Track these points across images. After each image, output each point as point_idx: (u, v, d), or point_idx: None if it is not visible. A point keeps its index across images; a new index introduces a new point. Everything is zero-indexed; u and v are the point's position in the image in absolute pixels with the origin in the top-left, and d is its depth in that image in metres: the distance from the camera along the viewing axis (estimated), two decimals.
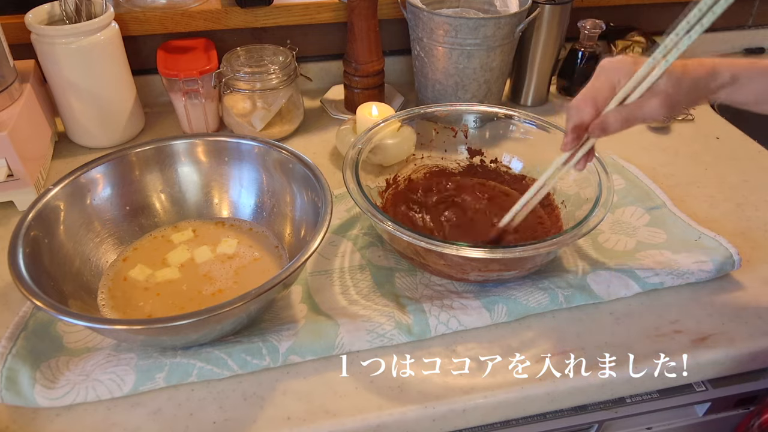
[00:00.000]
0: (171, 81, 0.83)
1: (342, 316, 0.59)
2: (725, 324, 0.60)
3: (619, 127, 0.52)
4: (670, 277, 0.63)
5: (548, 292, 0.61)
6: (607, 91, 0.53)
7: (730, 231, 0.71)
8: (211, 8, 0.89)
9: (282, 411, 0.52)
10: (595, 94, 0.53)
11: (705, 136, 0.91)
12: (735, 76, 0.52)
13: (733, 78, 0.52)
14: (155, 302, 0.60)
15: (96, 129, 0.84)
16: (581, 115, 0.54)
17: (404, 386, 0.54)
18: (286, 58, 0.85)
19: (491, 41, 0.83)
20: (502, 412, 0.55)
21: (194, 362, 0.53)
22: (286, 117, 0.88)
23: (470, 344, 0.58)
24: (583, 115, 0.54)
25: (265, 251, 0.66)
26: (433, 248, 0.55)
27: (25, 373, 0.51)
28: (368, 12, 0.85)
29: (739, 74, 0.53)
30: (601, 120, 0.53)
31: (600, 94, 0.53)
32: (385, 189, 0.73)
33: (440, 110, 0.75)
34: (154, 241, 0.67)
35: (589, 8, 1.04)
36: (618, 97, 0.52)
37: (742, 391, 0.66)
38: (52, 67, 0.78)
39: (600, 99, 0.53)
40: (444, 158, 0.78)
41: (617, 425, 0.68)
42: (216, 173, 0.70)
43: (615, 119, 0.52)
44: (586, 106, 0.53)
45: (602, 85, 0.53)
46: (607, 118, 0.52)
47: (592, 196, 0.62)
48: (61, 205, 0.60)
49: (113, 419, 0.51)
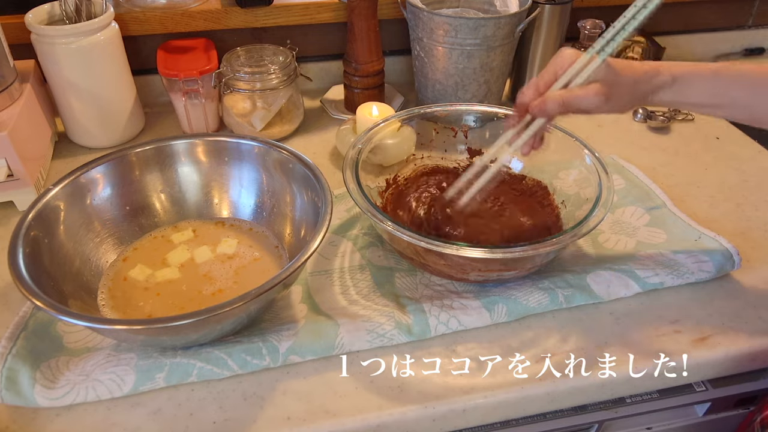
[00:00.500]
0: (171, 81, 0.83)
1: (342, 316, 0.59)
2: (725, 324, 0.60)
3: (556, 108, 0.55)
4: (670, 277, 0.63)
5: (548, 292, 0.61)
6: (549, 78, 0.57)
7: (730, 231, 0.71)
8: (211, 8, 0.89)
9: (282, 411, 0.52)
10: (539, 80, 0.57)
11: (705, 136, 0.91)
12: (675, 76, 0.55)
13: (673, 79, 0.55)
14: (155, 302, 0.60)
15: (96, 129, 0.84)
16: (523, 97, 0.58)
17: (404, 386, 0.54)
18: (286, 58, 0.85)
19: (491, 41, 0.83)
20: (502, 412, 0.55)
21: (194, 362, 0.53)
22: (286, 117, 0.88)
23: (470, 344, 0.58)
24: (525, 97, 0.58)
25: (265, 251, 0.66)
26: (433, 248, 0.55)
27: (25, 373, 0.51)
28: (368, 12, 0.85)
29: (679, 76, 0.55)
30: (541, 99, 0.56)
31: (542, 80, 0.57)
32: (385, 189, 0.73)
33: (440, 110, 0.75)
34: (154, 241, 0.67)
35: (589, 8, 1.04)
36: (559, 82, 0.56)
37: (742, 391, 0.66)
38: (52, 67, 0.78)
39: (542, 83, 0.57)
40: (444, 158, 0.78)
41: (617, 425, 0.68)
42: (216, 173, 0.70)
43: (553, 99, 0.55)
44: (529, 89, 0.58)
45: (546, 72, 0.57)
46: (546, 97, 0.56)
47: (592, 196, 0.62)
48: (61, 205, 0.61)
49: (113, 419, 0.51)
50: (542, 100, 0.56)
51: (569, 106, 0.55)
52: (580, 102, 0.55)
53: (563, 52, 0.56)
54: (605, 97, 0.54)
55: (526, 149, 0.61)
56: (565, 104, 0.55)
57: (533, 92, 0.57)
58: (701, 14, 1.14)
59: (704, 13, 1.14)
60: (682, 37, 1.15)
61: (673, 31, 1.14)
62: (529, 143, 0.60)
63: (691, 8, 1.13)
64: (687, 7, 1.12)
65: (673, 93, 0.55)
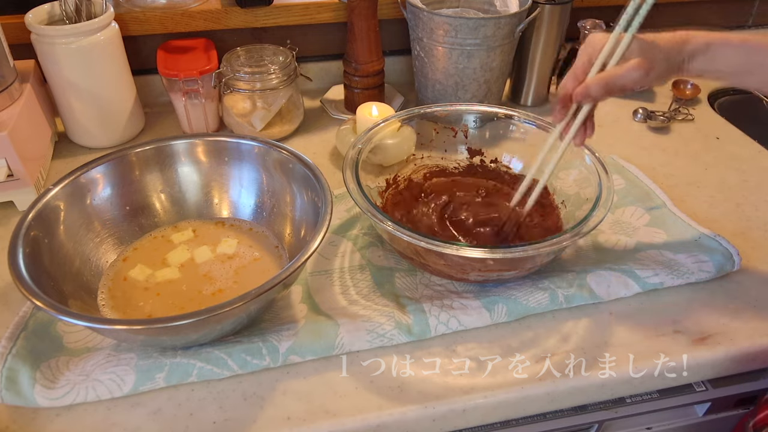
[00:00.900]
0: (171, 81, 0.83)
1: (342, 316, 0.59)
2: (725, 324, 0.60)
3: (600, 90, 0.55)
4: (670, 277, 0.63)
5: (548, 292, 0.61)
6: (584, 66, 0.57)
7: (730, 231, 0.71)
8: (211, 8, 0.89)
9: (282, 411, 0.52)
10: (575, 70, 0.58)
11: (705, 136, 0.91)
12: (708, 43, 0.55)
13: (707, 45, 0.55)
14: (155, 302, 0.60)
15: (96, 129, 0.84)
16: (564, 89, 0.59)
17: (404, 386, 0.54)
18: (286, 58, 0.85)
19: (491, 41, 0.83)
20: (502, 412, 0.55)
21: (194, 362, 0.53)
22: (286, 117, 0.88)
23: (470, 344, 0.58)
24: (566, 87, 0.58)
25: (265, 251, 0.66)
26: (433, 248, 0.55)
27: (25, 373, 0.51)
28: (368, 12, 0.85)
29: (711, 42, 0.55)
30: (583, 85, 0.56)
31: (579, 69, 0.58)
32: (385, 189, 0.73)
33: (440, 110, 0.75)
34: (154, 241, 0.67)
35: (589, 8, 1.04)
36: (595, 67, 0.56)
37: (742, 391, 0.66)
38: (52, 67, 0.78)
39: (579, 72, 0.58)
40: (444, 158, 0.78)
41: (617, 425, 0.68)
42: (216, 173, 0.70)
43: (594, 82, 0.56)
44: (568, 80, 0.58)
45: (580, 61, 0.58)
46: (587, 82, 0.56)
47: (592, 196, 0.62)
48: (61, 205, 0.60)
49: (113, 419, 0.51)
50: (584, 85, 0.56)
51: (612, 86, 0.55)
52: (622, 79, 0.55)
53: (593, 37, 0.57)
54: (645, 70, 0.54)
55: (579, 140, 0.61)
56: (608, 84, 0.55)
57: (573, 81, 0.58)
58: (701, 14, 1.14)
59: (704, 13, 1.14)
60: None
61: None
62: (581, 133, 0.60)
63: (691, 8, 1.13)
64: (687, 7, 1.12)
65: (707, 60, 0.55)
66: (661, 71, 0.55)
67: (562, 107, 0.60)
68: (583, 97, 0.57)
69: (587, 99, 0.57)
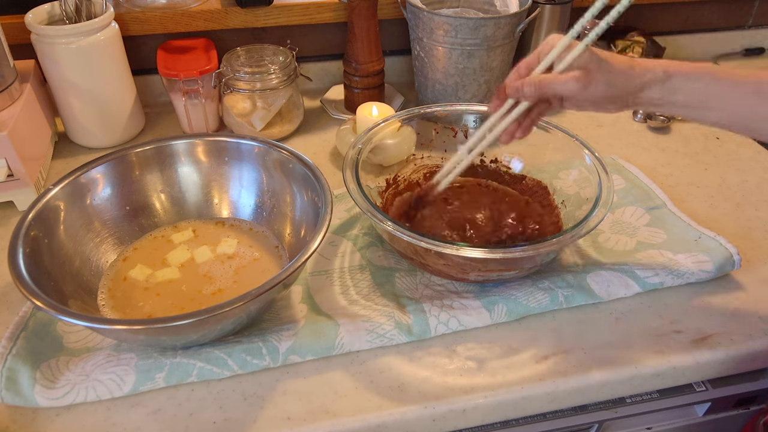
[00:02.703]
0: (171, 81, 0.83)
1: (342, 316, 0.59)
2: (725, 324, 0.60)
3: (532, 90, 0.54)
4: (670, 277, 0.63)
5: (548, 292, 0.61)
6: (532, 62, 0.56)
7: (730, 231, 0.71)
8: (211, 8, 0.89)
9: (282, 411, 0.52)
10: (520, 64, 0.57)
11: (705, 136, 0.91)
12: (667, 71, 0.52)
13: (666, 73, 0.52)
14: (155, 302, 0.60)
15: (96, 129, 0.84)
16: (506, 80, 0.57)
17: (404, 386, 0.54)
18: (286, 58, 0.85)
19: (491, 41, 0.83)
20: (502, 412, 0.55)
21: (194, 362, 0.53)
22: (286, 117, 0.88)
23: (470, 344, 0.58)
24: (507, 80, 0.57)
25: (265, 251, 0.66)
26: (432, 248, 0.55)
27: (25, 373, 0.51)
28: (368, 12, 0.85)
29: (672, 71, 0.52)
30: (519, 82, 0.55)
31: (524, 64, 0.57)
32: (385, 189, 0.73)
33: (440, 110, 0.75)
34: (154, 241, 0.67)
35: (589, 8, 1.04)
36: (540, 66, 0.55)
37: (742, 391, 0.66)
38: (52, 67, 0.78)
39: (523, 67, 0.57)
40: (444, 158, 0.78)
41: (617, 425, 0.68)
42: (216, 173, 0.70)
43: (529, 81, 0.55)
44: (512, 73, 0.57)
45: (530, 57, 0.57)
46: (523, 80, 0.55)
47: (592, 196, 0.62)
48: (61, 205, 0.60)
49: (113, 419, 0.51)
50: (520, 82, 0.55)
51: (545, 90, 0.54)
52: (556, 86, 0.54)
53: (552, 37, 0.55)
54: (583, 84, 0.53)
55: (506, 137, 0.59)
56: (542, 87, 0.54)
57: (515, 74, 0.57)
58: (701, 14, 1.14)
59: (704, 13, 1.14)
60: (682, 37, 1.15)
61: (673, 31, 1.14)
62: (509, 131, 0.59)
63: (691, 8, 1.13)
64: (687, 7, 1.12)
65: (665, 90, 0.52)
66: (598, 93, 0.53)
67: (497, 98, 0.59)
68: (515, 93, 0.56)
69: (518, 95, 0.56)
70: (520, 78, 0.56)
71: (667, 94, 0.53)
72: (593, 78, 0.53)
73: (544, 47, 0.55)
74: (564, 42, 0.53)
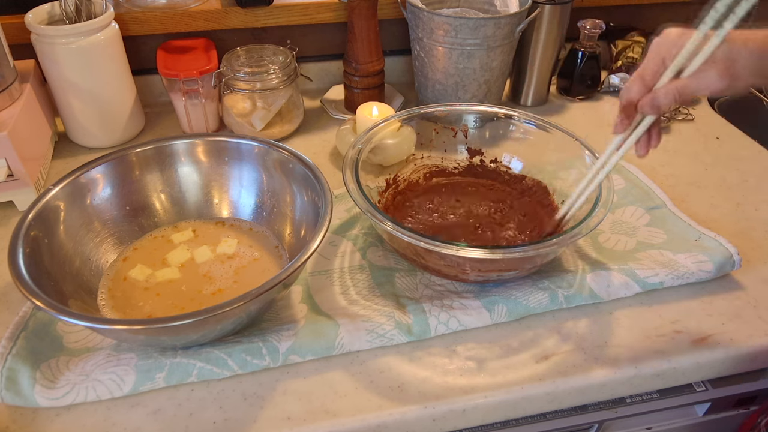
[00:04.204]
0: (171, 81, 0.83)
1: (342, 316, 0.59)
2: (725, 324, 0.60)
3: (670, 101, 0.48)
4: (670, 277, 0.63)
5: (548, 292, 0.61)
6: (655, 67, 0.50)
7: (730, 231, 0.71)
8: (211, 8, 0.89)
9: (282, 411, 0.52)
10: (642, 72, 0.51)
11: (705, 136, 0.91)
12: None
13: None
14: (155, 302, 0.60)
15: (96, 129, 0.84)
16: (629, 94, 0.51)
17: (404, 386, 0.54)
18: (286, 58, 0.85)
19: (491, 41, 0.83)
20: (502, 412, 0.55)
21: (194, 362, 0.53)
22: (286, 117, 0.88)
23: (470, 344, 0.58)
24: (631, 93, 0.51)
25: (265, 251, 0.66)
26: (432, 248, 0.55)
27: (25, 373, 0.51)
28: (368, 12, 0.85)
29: None
30: (651, 95, 0.49)
31: (647, 71, 0.50)
32: (385, 189, 0.73)
33: (440, 110, 0.75)
34: (154, 241, 0.67)
35: (589, 8, 1.04)
36: (670, 70, 0.49)
37: (742, 391, 0.66)
38: (52, 67, 0.78)
39: (647, 75, 0.50)
40: (444, 158, 0.78)
41: (617, 425, 0.68)
42: (216, 173, 0.70)
43: (665, 92, 0.49)
44: (634, 84, 0.51)
45: (650, 62, 0.50)
46: (657, 92, 0.49)
47: (592, 196, 0.62)
48: (61, 205, 0.60)
49: (113, 419, 0.51)
50: (652, 96, 0.49)
51: (685, 96, 0.48)
52: (699, 91, 0.48)
53: (669, 33, 0.49)
54: (728, 80, 0.46)
55: (643, 149, 0.53)
56: (681, 95, 0.48)
57: (639, 87, 0.50)
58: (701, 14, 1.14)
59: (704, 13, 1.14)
60: None
61: None
62: (644, 142, 0.53)
63: (691, 8, 1.13)
64: (687, 7, 1.12)
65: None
66: (746, 79, 0.47)
67: (623, 117, 0.52)
68: (651, 109, 0.50)
69: (655, 111, 0.50)
70: (646, 88, 0.50)
71: None
72: (738, 69, 0.47)
73: (667, 46, 0.49)
74: (696, 38, 0.47)
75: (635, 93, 0.51)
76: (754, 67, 0.47)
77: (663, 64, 0.50)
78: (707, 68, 0.47)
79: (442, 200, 0.73)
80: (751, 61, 0.47)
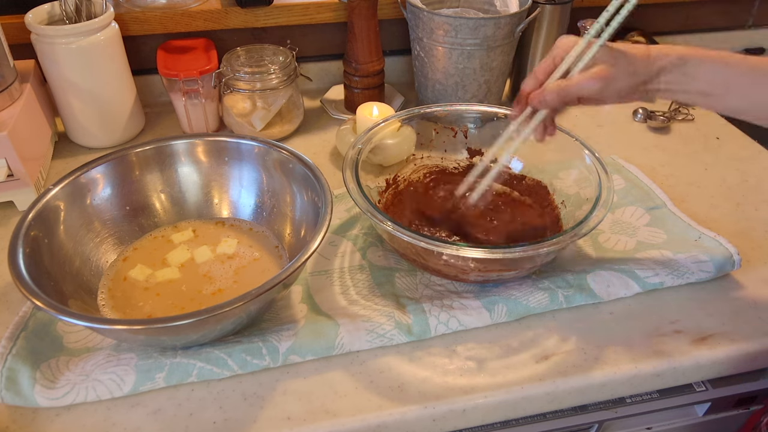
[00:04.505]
0: (171, 81, 0.83)
1: (342, 316, 0.59)
2: (725, 324, 0.60)
3: (555, 98, 0.54)
4: (670, 277, 0.63)
5: (548, 292, 0.61)
6: (548, 65, 0.56)
7: (730, 231, 0.71)
8: (211, 8, 0.89)
9: (282, 411, 0.52)
10: (537, 71, 0.57)
11: (705, 136, 0.91)
12: (683, 56, 0.52)
13: (682, 58, 0.51)
14: (155, 302, 0.60)
15: (96, 129, 0.84)
16: (523, 88, 0.58)
17: (404, 386, 0.54)
18: (286, 58, 0.85)
19: (491, 41, 0.83)
20: (502, 412, 0.55)
21: (194, 362, 0.53)
22: (286, 117, 0.88)
23: (470, 344, 0.58)
24: (525, 89, 0.57)
25: (265, 251, 0.66)
26: (432, 248, 0.55)
27: (25, 373, 0.51)
28: (368, 12, 0.85)
29: (687, 55, 0.51)
30: (539, 90, 0.55)
31: (540, 70, 0.57)
32: (385, 189, 0.73)
33: (440, 110, 0.75)
34: (154, 241, 0.67)
35: (589, 8, 1.04)
36: (558, 71, 0.55)
37: (742, 391, 0.66)
38: (52, 67, 0.78)
39: (540, 74, 0.56)
40: (444, 158, 0.78)
41: (617, 425, 0.68)
42: (216, 173, 0.70)
43: (551, 90, 0.54)
44: (528, 81, 0.57)
45: (545, 63, 0.56)
46: (544, 89, 0.55)
47: (592, 196, 0.62)
48: (61, 205, 0.60)
49: (113, 419, 0.51)
50: (540, 91, 0.55)
51: (569, 95, 0.54)
52: (579, 89, 0.53)
53: (562, 39, 0.55)
54: (605, 81, 0.52)
55: (539, 135, 0.59)
56: (565, 94, 0.54)
57: (532, 82, 0.57)
58: (701, 14, 1.14)
59: (704, 13, 1.14)
60: (682, 37, 1.15)
61: (673, 31, 1.14)
62: (540, 129, 0.58)
63: (691, 8, 1.13)
64: (687, 7, 1.12)
65: (680, 76, 0.52)
66: (623, 85, 0.53)
67: (517, 105, 0.59)
68: (538, 104, 0.56)
69: (541, 105, 0.55)
70: (539, 83, 0.56)
71: (683, 79, 0.52)
72: (614, 73, 0.52)
73: (558, 51, 0.55)
74: (581, 44, 0.54)
75: (528, 88, 0.57)
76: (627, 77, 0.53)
77: (554, 65, 0.56)
78: (586, 71, 0.53)
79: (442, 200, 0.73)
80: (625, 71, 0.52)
